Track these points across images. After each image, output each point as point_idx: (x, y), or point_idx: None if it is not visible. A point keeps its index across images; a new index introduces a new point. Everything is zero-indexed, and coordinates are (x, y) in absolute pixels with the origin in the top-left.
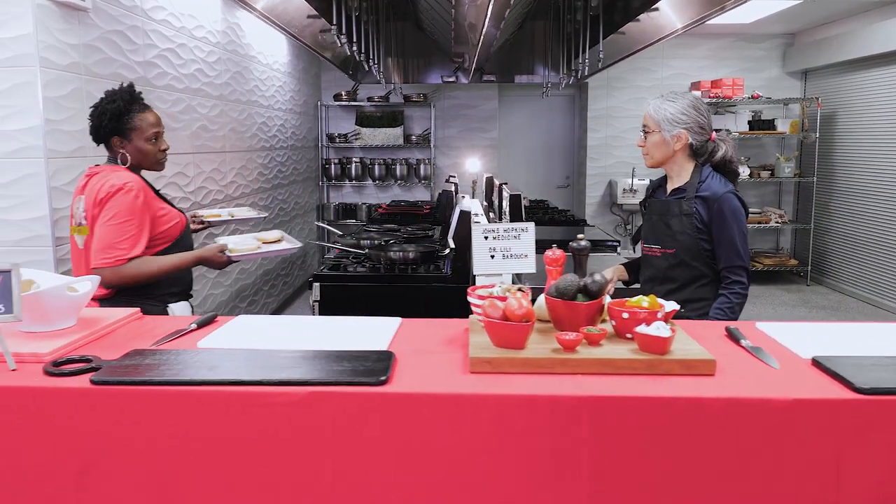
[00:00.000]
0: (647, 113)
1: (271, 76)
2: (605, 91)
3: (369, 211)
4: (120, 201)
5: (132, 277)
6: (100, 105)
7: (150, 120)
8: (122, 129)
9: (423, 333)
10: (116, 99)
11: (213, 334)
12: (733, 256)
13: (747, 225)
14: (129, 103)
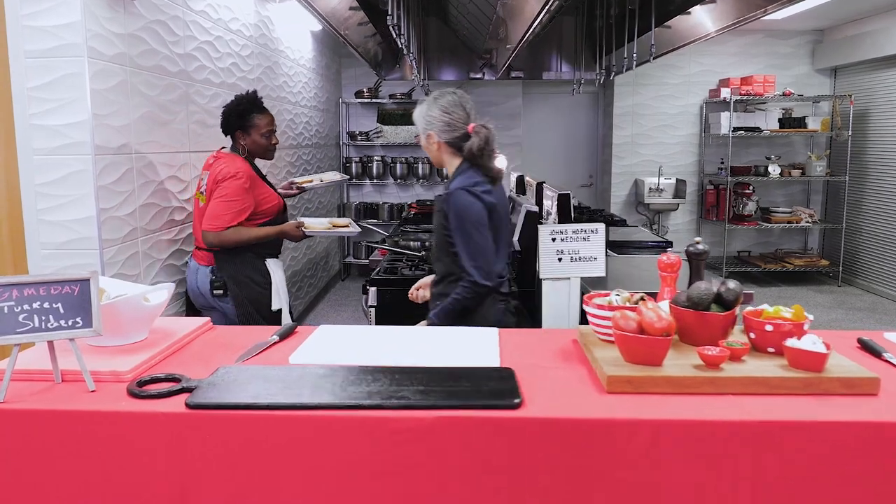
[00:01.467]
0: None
1: (298, 72)
2: (631, 88)
3: (391, 211)
4: (231, 184)
5: (229, 241)
6: (230, 105)
7: (266, 120)
8: (244, 125)
9: (528, 345)
10: (242, 102)
11: (301, 348)
12: (460, 256)
13: (482, 223)
14: (251, 105)
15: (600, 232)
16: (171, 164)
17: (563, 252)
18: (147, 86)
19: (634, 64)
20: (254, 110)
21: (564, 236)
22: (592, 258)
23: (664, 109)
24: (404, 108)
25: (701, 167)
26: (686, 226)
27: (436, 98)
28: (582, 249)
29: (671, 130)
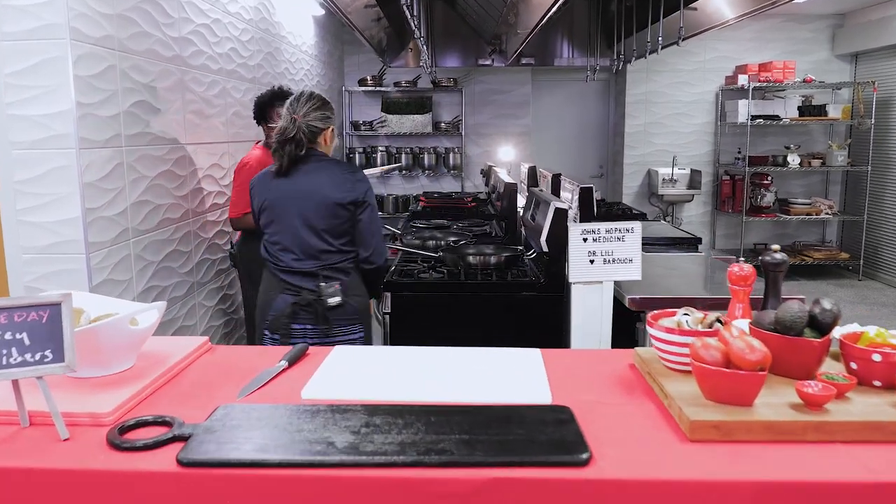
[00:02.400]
0: None
1: (300, 59)
2: (644, 75)
3: (396, 203)
4: (240, 174)
5: (245, 225)
6: (259, 96)
7: (280, 112)
8: (266, 116)
9: (578, 371)
10: (265, 94)
11: (314, 378)
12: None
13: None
14: (272, 98)
15: (637, 231)
16: (166, 157)
17: (595, 253)
18: (138, 72)
19: (659, 47)
20: (274, 101)
21: (597, 236)
22: (628, 260)
23: (678, 97)
24: (409, 96)
25: (716, 157)
26: (700, 217)
27: (311, 97)
28: (616, 250)
29: (685, 119)
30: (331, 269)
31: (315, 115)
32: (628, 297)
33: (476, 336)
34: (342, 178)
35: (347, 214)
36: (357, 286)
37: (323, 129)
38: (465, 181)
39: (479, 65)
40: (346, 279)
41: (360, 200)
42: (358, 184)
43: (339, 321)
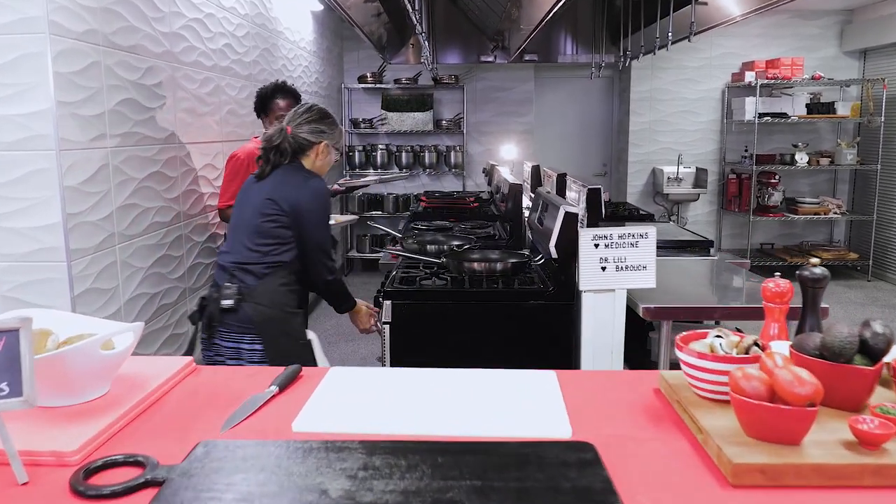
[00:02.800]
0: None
1: (298, 55)
2: (649, 72)
3: (397, 202)
4: (230, 165)
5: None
6: (260, 89)
7: (280, 106)
8: (266, 109)
9: (598, 398)
10: (268, 86)
11: (307, 407)
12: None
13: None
14: (273, 91)
15: (651, 237)
16: (155, 158)
17: (607, 260)
18: (125, 68)
19: (669, 43)
20: (276, 95)
21: (609, 242)
22: (641, 267)
23: (684, 94)
24: (410, 93)
25: (722, 155)
26: (706, 217)
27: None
28: (629, 257)
29: (691, 116)
30: (241, 268)
31: (307, 127)
32: (642, 306)
33: (481, 346)
34: (294, 182)
35: (278, 216)
36: (266, 295)
37: (313, 142)
38: (467, 180)
39: (480, 61)
40: (251, 283)
41: (296, 207)
42: (302, 189)
43: (228, 326)
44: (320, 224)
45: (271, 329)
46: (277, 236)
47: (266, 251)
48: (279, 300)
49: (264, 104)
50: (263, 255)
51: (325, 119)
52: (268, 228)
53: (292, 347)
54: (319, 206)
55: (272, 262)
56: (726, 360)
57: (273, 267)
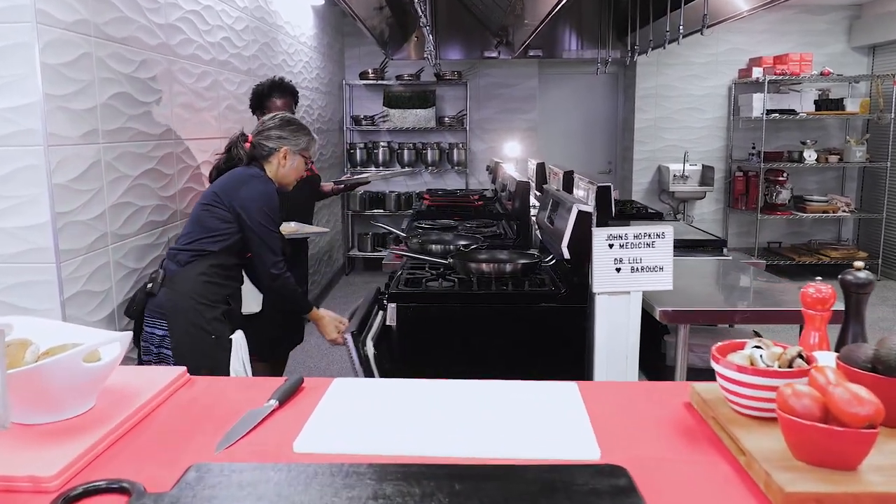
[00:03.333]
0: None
1: (299, 50)
2: (654, 68)
3: (398, 201)
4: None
5: None
6: (256, 86)
7: (277, 105)
8: (262, 107)
9: (625, 414)
10: (265, 83)
11: (310, 424)
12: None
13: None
14: (270, 89)
15: (668, 236)
16: (150, 154)
17: (622, 261)
18: (119, 61)
19: (680, 36)
20: (272, 93)
21: (624, 242)
22: (658, 268)
23: (690, 91)
24: (412, 90)
25: (729, 153)
26: (713, 215)
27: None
28: (645, 258)
29: (697, 113)
30: (170, 254)
31: (268, 133)
32: (659, 308)
33: (490, 351)
34: (240, 178)
35: (215, 206)
36: (183, 283)
37: (272, 148)
38: (470, 178)
39: (484, 57)
40: (173, 269)
41: (237, 200)
42: (246, 185)
43: (149, 311)
44: (264, 222)
45: (179, 318)
46: (210, 227)
47: (193, 239)
48: (196, 290)
49: (260, 102)
50: (189, 242)
51: (287, 125)
52: (204, 217)
53: (200, 343)
54: (262, 201)
55: (196, 250)
56: (769, 374)
57: (197, 255)
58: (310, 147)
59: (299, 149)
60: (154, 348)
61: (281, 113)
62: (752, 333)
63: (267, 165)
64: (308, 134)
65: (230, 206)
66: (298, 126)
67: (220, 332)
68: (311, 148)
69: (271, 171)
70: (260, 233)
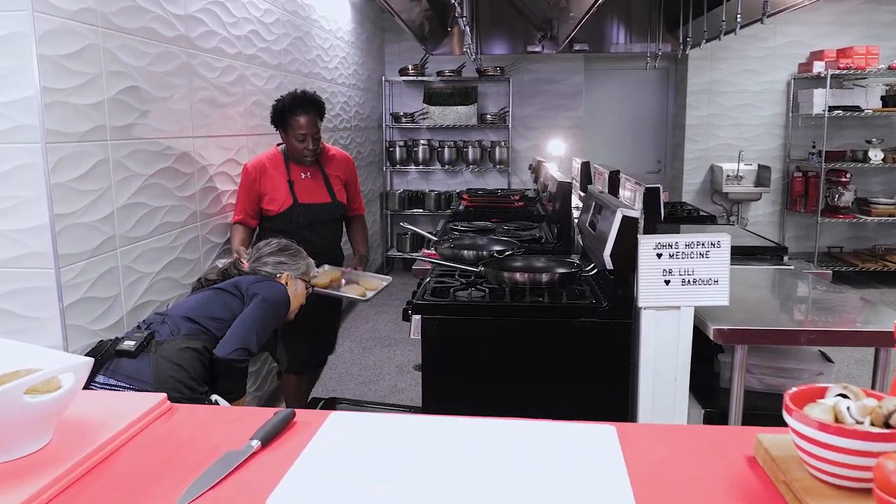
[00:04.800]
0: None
1: (335, 45)
2: (707, 63)
3: (438, 200)
4: (241, 177)
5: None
6: (278, 100)
7: (300, 123)
8: (283, 124)
9: (672, 468)
10: (286, 98)
11: (290, 476)
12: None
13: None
14: (292, 104)
15: (725, 246)
16: (166, 153)
17: (671, 272)
18: (130, 53)
19: (738, 26)
20: (296, 109)
21: (675, 251)
22: (712, 281)
23: (745, 86)
24: (453, 86)
25: (787, 152)
26: (768, 218)
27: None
28: (698, 269)
29: (753, 110)
30: (163, 318)
31: (266, 259)
32: (713, 327)
33: (524, 370)
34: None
35: (231, 295)
36: (173, 352)
37: (272, 274)
38: (512, 177)
39: (527, 52)
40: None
41: (251, 291)
42: (266, 283)
43: (116, 376)
44: (266, 315)
45: (169, 391)
46: (216, 313)
47: (197, 315)
48: (188, 362)
49: (282, 118)
50: (193, 316)
51: (285, 251)
52: (213, 300)
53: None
54: (273, 303)
55: (199, 325)
56: (861, 435)
57: (197, 331)
58: (309, 271)
59: (300, 273)
60: None
61: (276, 239)
62: (819, 354)
63: None
64: (305, 258)
65: (245, 294)
66: (296, 251)
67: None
68: (310, 272)
69: None
70: (254, 318)
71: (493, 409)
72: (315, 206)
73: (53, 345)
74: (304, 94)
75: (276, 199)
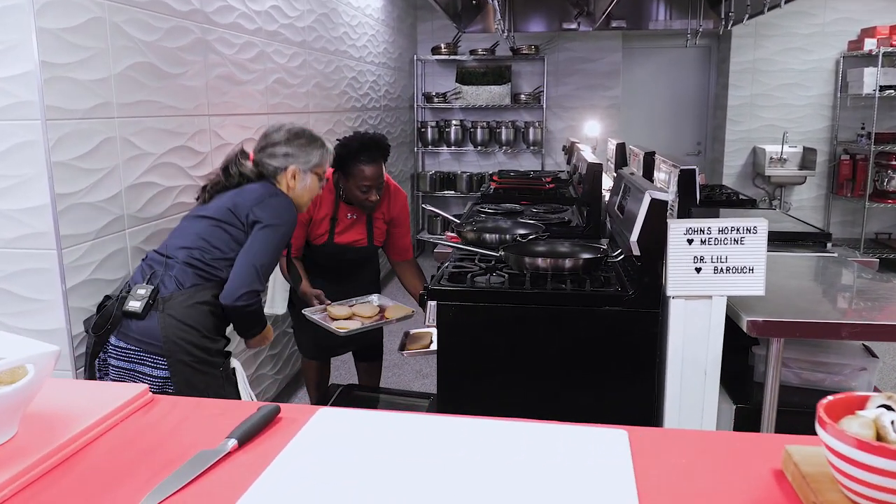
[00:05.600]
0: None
1: (363, 22)
2: (751, 41)
3: (470, 181)
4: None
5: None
6: (342, 142)
7: (365, 174)
8: (345, 170)
9: (688, 480)
10: (351, 142)
11: (262, 480)
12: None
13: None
14: (358, 150)
15: (762, 231)
16: (179, 131)
17: (703, 259)
18: (139, 27)
19: (782, 1)
20: (360, 156)
21: (707, 237)
22: (747, 269)
23: (791, 65)
24: (486, 65)
25: (834, 133)
26: (813, 202)
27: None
28: (732, 256)
29: (799, 90)
30: (162, 264)
31: (273, 149)
32: (747, 318)
33: (543, 361)
34: (257, 194)
35: (230, 226)
36: (181, 309)
37: (277, 168)
38: (546, 158)
39: (563, 29)
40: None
41: (251, 217)
42: (266, 202)
43: (126, 338)
44: (273, 243)
45: (181, 354)
46: (221, 248)
47: (199, 258)
48: (199, 320)
49: (344, 164)
50: (194, 259)
51: (294, 140)
52: (214, 235)
53: (210, 381)
54: (275, 227)
55: (203, 272)
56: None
57: (203, 278)
58: (324, 162)
59: (311, 166)
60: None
61: (289, 124)
62: (862, 348)
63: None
64: (321, 146)
65: (245, 223)
66: (309, 138)
67: (226, 366)
68: (325, 163)
69: None
70: (254, 253)
71: (510, 401)
72: (349, 248)
73: (56, 327)
74: (371, 139)
75: (315, 232)
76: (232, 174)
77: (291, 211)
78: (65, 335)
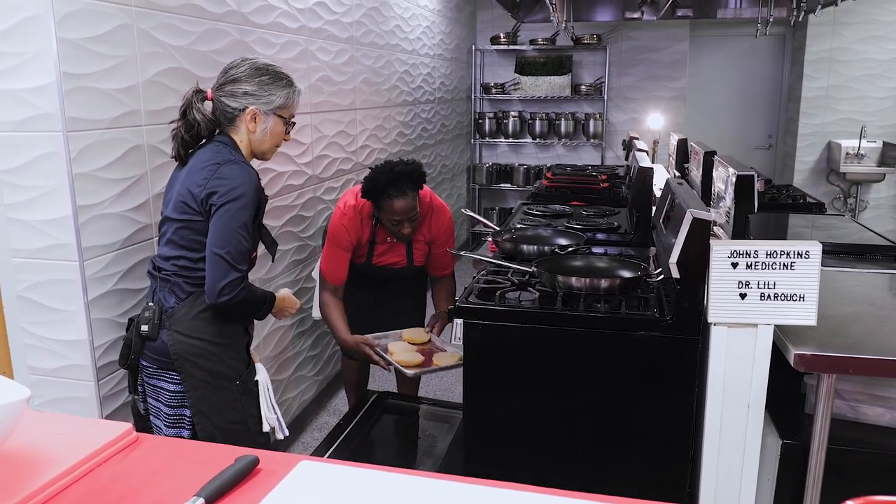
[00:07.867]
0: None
1: (417, 14)
2: (829, 28)
3: (527, 174)
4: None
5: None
6: (374, 171)
7: (395, 209)
8: (376, 200)
9: None
10: (380, 173)
11: None
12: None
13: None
14: (386, 184)
15: (815, 256)
16: None
17: (748, 284)
18: (170, 32)
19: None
20: (389, 189)
21: (753, 261)
22: (797, 297)
23: (872, 55)
24: (546, 55)
25: None
26: (892, 201)
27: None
28: (781, 283)
29: (879, 81)
30: (165, 280)
31: (232, 87)
32: (795, 351)
33: (573, 389)
34: (204, 168)
35: (192, 220)
36: (185, 321)
37: (235, 109)
38: (607, 151)
39: (626, 18)
40: (171, 302)
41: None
42: (213, 180)
43: (148, 359)
44: (233, 224)
45: (192, 368)
46: (194, 248)
47: (182, 266)
48: (205, 329)
49: (375, 196)
50: (180, 269)
51: (256, 77)
52: (183, 237)
53: (223, 393)
54: (231, 202)
55: (190, 279)
56: None
57: (197, 285)
58: (289, 103)
59: (273, 107)
60: (169, 410)
61: (251, 58)
62: None
63: (233, 133)
64: (287, 86)
65: (203, 210)
66: (273, 76)
67: (244, 374)
68: (291, 104)
69: (240, 139)
70: (216, 238)
71: (536, 427)
72: (389, 269)
73: (79, 338)
74: (401, 172)
75: (356, 253)
76: (191, 122)
77: (246, 174)
78: (87, 346)
